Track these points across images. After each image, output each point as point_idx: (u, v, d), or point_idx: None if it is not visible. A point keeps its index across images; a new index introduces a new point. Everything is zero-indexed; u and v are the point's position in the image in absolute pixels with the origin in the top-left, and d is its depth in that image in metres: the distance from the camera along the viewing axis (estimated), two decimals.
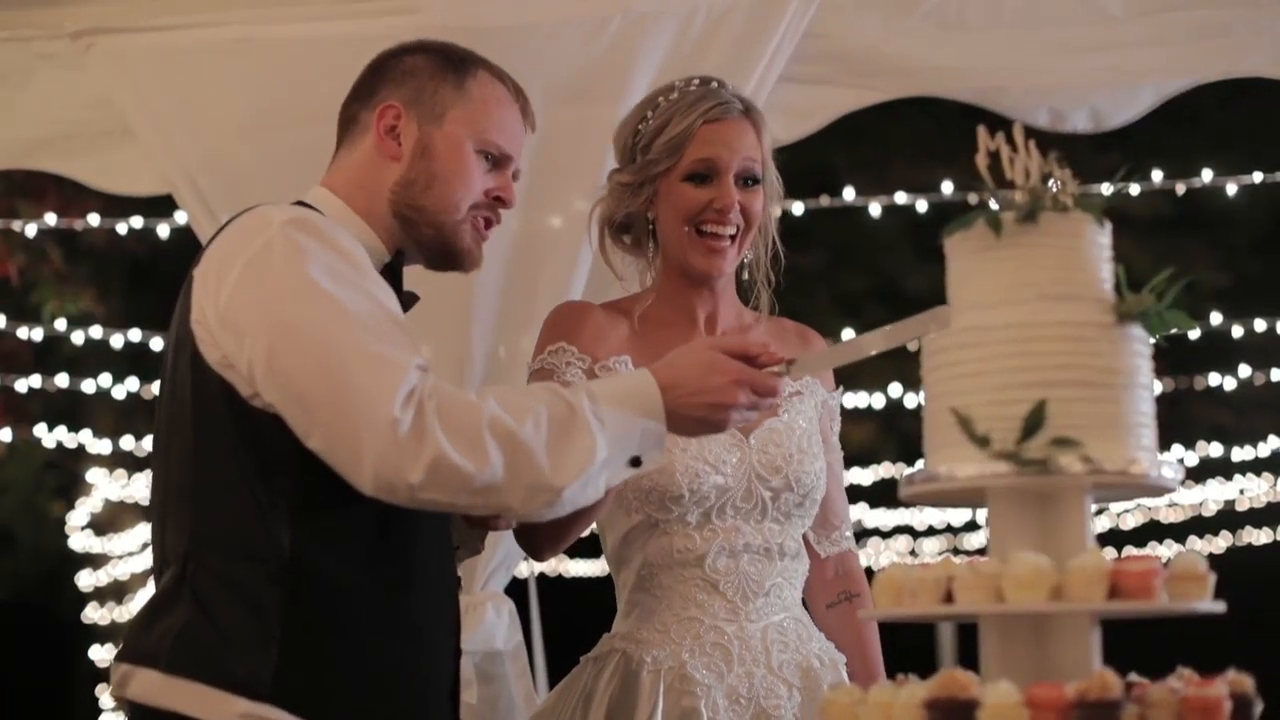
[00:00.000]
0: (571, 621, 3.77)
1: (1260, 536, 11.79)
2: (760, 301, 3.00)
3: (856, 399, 7.97)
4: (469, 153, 2.58)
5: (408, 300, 2.61)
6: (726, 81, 2.95)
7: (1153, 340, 2.06)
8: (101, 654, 11.01)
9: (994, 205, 2.02)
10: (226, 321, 2.33)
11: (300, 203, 2.54)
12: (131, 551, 11.00)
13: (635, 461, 2.35)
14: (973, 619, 2.02)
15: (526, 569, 3.70)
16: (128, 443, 8.45)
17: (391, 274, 2.55)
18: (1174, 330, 2.06)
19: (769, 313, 3.01)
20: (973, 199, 5.08)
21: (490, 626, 3.36)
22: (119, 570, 11.18)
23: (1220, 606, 1.96)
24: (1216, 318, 6.59)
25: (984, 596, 1.90)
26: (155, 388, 5.32)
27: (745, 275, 3.00)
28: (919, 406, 2.05)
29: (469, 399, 2.27)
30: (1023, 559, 1.88)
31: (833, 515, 3.05)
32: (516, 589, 3.59)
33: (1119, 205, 2.06)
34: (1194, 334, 6.51)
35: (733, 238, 2.89)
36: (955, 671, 1.88)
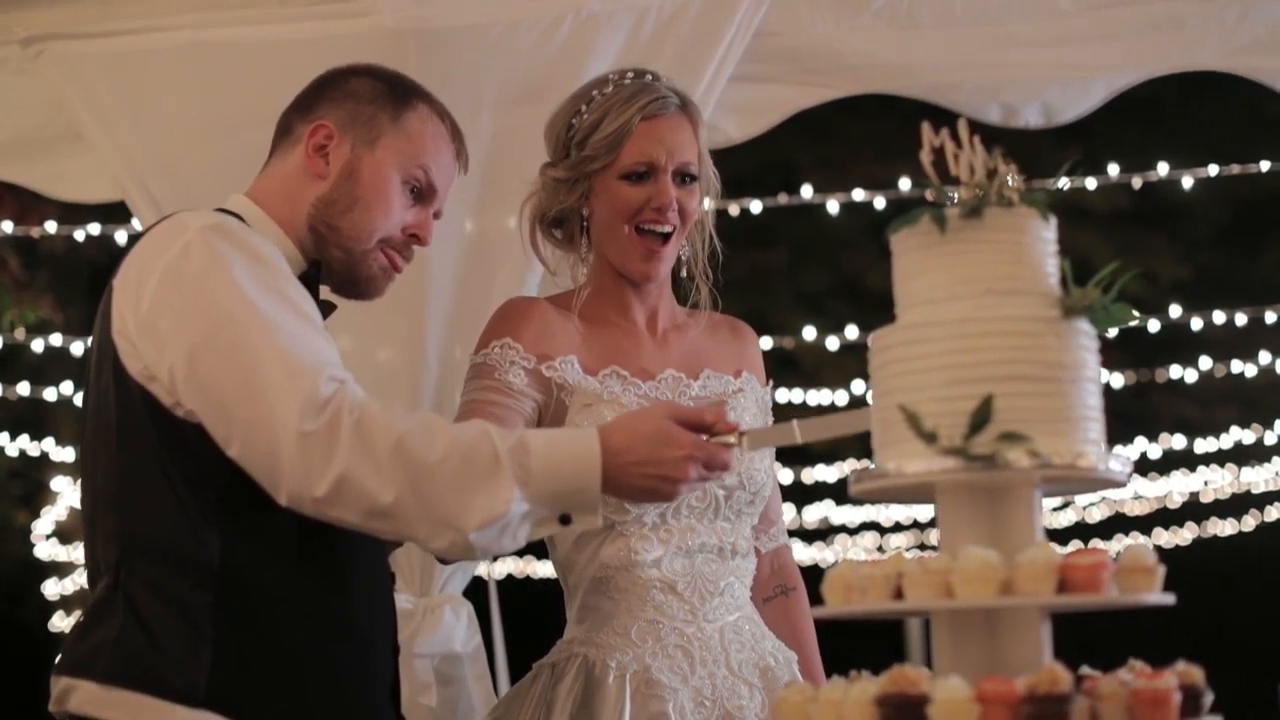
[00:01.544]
0: (534, 623, 3.76)
1: (1225, 528, 11.85)
2: (700, 297, 2.99)
3: (820, 396, 7.96)
4: (394, 182, 2.58)
5: (324, 310, 2.59)
6: (662, 74, 2.93)
7: (1110, 333, 2.06)
8: None
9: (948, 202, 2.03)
10: (147, 329, 2.33)
11: (221, 210, 2.54)
12: None
13: (565, 519, 2.30)
14: (923, 614, 2.02)
15: (487, 571, 3.69)
16: None
17: (308, 283, 2.53)
18: (1129, 323, 2.06)
19: (713, 307, 3.01)
20: (930, 195, 5.09)
21: (448, 629, 3.35)
22: (85, 578, 11.10)
23: (1170, 599, 1.96)
24: (1176, 310, 6.60)
25: (933, 592, 1.90)
26: None
27: (684, 273, 2.99)
28: None
29: (389, 420, 2.23)
30: (971, 554, 1.88)
31: (771, 511, 3.04)
32: (478, 590, 3.58)
33: (1077, 199, 2.07)
34: (1154, 327, 6.53)
35: (669, 236, 2.87)
36: (906, 668, 1.88)
